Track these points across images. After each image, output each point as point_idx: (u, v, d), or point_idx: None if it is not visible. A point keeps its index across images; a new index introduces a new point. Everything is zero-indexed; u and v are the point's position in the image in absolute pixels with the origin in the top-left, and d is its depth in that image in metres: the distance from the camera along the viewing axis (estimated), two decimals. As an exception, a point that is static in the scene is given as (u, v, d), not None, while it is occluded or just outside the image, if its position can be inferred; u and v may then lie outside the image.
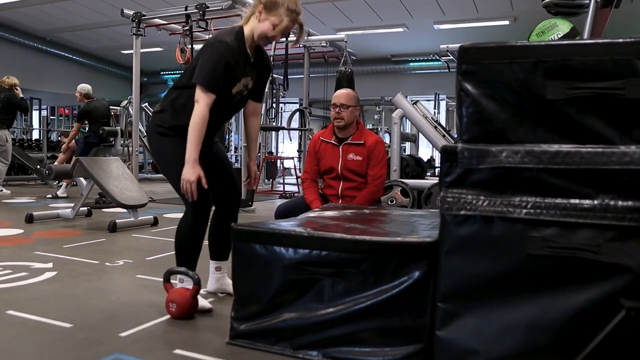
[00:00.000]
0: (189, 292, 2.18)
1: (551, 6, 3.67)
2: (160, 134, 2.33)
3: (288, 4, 2.22)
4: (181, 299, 2.17)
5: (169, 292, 2.22)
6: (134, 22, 7.31)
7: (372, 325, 1.71)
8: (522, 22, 10.76)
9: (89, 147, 6.87)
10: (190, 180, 2.12)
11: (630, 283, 1.38)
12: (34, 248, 3.61)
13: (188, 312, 2.18)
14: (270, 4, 2.22)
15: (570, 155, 1.45)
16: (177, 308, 2.16)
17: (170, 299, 2.19)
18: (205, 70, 2.16)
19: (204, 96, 2.14)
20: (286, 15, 2.22)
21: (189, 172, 2.12)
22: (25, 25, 13.53)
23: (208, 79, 2.15)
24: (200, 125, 2.13)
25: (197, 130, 2.13)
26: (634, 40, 1.42)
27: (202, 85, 2.15)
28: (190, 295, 2.17)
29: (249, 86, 2.39)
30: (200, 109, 2.14)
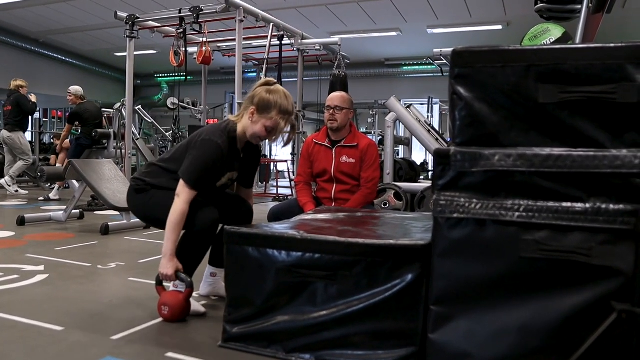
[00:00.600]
0: (182, 295, 2.17)
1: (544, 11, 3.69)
2: (138, 191, 2.38)
3: (281, 105, 2.24)
4: (174, 302, 2.16)
5: (161, 295, 2.21)
6: (127, 24, 7.30)
7: (365, 328, 1.71)
8: (515, 27, 10.83)
9: (80, 149, 6.84)
10: (168, 274, 2.15)
11: (621, 286, 1.39)
12: (26, 251, 3.59)
13: (180, 315, 2.17)
14: (262, 106, 2.24)
15: (562, 158, 1.46)
16: (169, 311, 2.16)
17: (162, 301, 2.18)
18: (192, 167, 2.18)
19: (185, 192, 2.15)
20: (278, 117, 2.25)
21: (166, 266, 2.14)
22: (17, 27, 13.46)
23: (193, 178, 2.17)
24: (179, 221, 2.14)
25: (175, 226, 2.13)
26: (626, 45, 1.43)
27: (186, 182, 2.17)
28: (183, 298, 2.17)
29: (234, 178, 2.44)
30: (180, 205, 2.14)
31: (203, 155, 2.20)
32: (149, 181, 2.36)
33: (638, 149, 1.40)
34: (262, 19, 7.08)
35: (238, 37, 6.79)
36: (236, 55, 6.92)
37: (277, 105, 2.24)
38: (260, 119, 2.25)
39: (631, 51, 1.42)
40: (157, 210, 2.26)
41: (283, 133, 2.34)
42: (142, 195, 2.37)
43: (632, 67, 1.41)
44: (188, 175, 2.18)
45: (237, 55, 6.89)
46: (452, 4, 10.27)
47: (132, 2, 10.48)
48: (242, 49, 7.07)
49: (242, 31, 6.85)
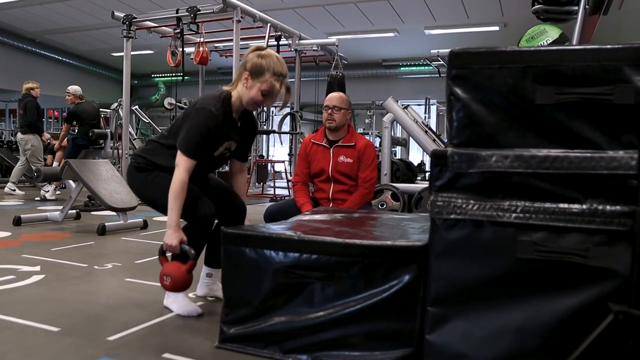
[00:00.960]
0: (184, 267, 2.15)
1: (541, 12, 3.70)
2: (138, 169, 2.37)
3: (274, 68, 2.23)
4: (176, 273, 2.14)
5: (164, 266, 2.18)
6: (124, 24, 7.29)
7: (362, 329, 1.71)
8: (512, 28, 10.85)
9: (77, 150, 6.83)
10: (172, 245, 2.14)
11: (618, 287, 1.39)
12: (22, 251, 3.58)
13: (182, 286, 2.15)
14: (255, 71, 2.23)
15: (559, 159, 1.46)
16: (171, 281, 2.14)
17: (164, 272, 2.16)
18: (188, 137, 2.18)
19: (184, 162, 2.16)
20: (273, 79, 2.24)
21: (171, 237, 2.14)
22: (14, 26, 13.42)
23: (190, 146, 2.17)
24: (180, 190, 2.14)
25: (177, 196, 2.13)
26: (622, 47, 1.44)
27: (184, 152, 2.17)
28: (186, 269, 2.14)
29: (232, 148, 2.42)
30: (180, 175, 2.15)
31: (198, 124, 2.19)
32: (149, 159, 2.34)
33: (635, 150, 1.40)
34: (259, 19, 7.08)
35: (235, 37, 6.79)
36: (233, 56, 6.92)
37: (271, 68, 2.23)
38: (255, 83, 2.24)
39: (628, 52, 1.43)
40: (157, 194, 2.25)
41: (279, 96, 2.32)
42: (143, 175, 2.35)
43: (628, 68, 1.42)
44: (185, 145, 2.18)
45: (235, 56, 6.88)
46: (450, 5, 10.29)
47: (129, 2, 10.47)
48: (240, 49, 7.06)
49: (240, 31, 6.86)
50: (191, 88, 12.08)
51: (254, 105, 2.31)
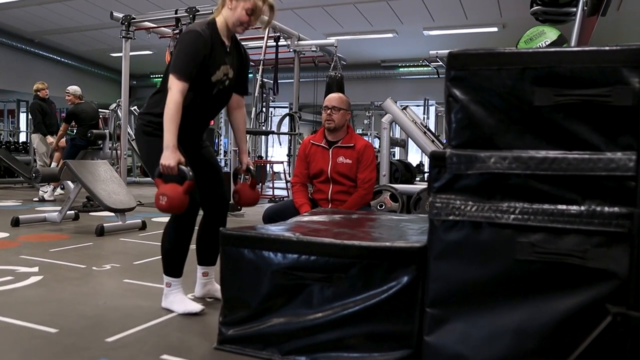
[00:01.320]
0: (181, 188, 2.12)
1: (539, 14, 3.71)
2: (147, 133, 2.34)
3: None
4: (172, 193, 2.10)
5: (160, 187, 2.15)
6: (123, 25, 7.28)
7: (360, 330, 1.71)
8: (510, 29, 10.86)
9: (76, 150, 6.82)
10: (170, 166, 2.12)
11: (616, 288, 1.39)
12: (20, 252, 3.57)
13: (178, 206, 2.12)
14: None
15: (558, 161, 1.47)
16: (167, 201, 2.09)
17: (160, 192, 2.12)
18: (177, 59, 2.21)
19: (176, 83, 2.17)
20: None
21: (169, 157, 2.13)
22: (12, 26, 13.40)
23: (180, 66, 2.19)
24: (174, 111, 2.15)
25: (172, 116, 2.15)
26: (620, 48, 1.44)
27: (174, 72, 2.19)
28: (182, 190, 2.12)
29: (230, 75, 2.39)
30: (173, 95, 2.16)
31: (184, 45, 2.22)
32: (155, 120, 2.30)
33: (632, 151, 1.41)
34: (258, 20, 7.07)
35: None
36: (232, 56, 6.90)
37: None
38: (239, 3, 2.26)
39: (626, 54, 1.43)
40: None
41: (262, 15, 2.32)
42: (150, 140, 2.32)
43: (626, 70, 1.42)
44: (173, 67, 2.20)
45: (234, 56, 6.87)
46: (448, 6, 10.29)
47: (128, 3, 10.46)
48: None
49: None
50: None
51: (240, 26, 2.32)
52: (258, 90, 7.66)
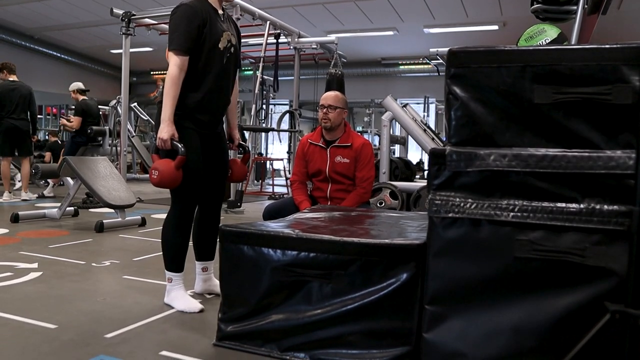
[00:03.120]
0: (172, 162, 2.17)
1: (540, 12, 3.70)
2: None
3: None
4: (164, 167, 2.16)
5: (154, 162, 2.21)
6: (123, 21, 7.27)
7: (359, 327, 1.71)
8: (511, 27, 10.85)
9: (76, 147, 6.81)
10: (163, 138, 2.18)
11: (615, 286, 1.40)
12: (19, 248, 3.57)
13: (169, 181, 2.17)
14: None
15: (557, 159, 1.47)
16: (158, 175, 2.16)
17: (154, 166, 2.19)
18: (171, 35, 2.24)
19: (174, 58, 2.21)
20: None
21: (163, 131, 2.18)
22: (12, 23, 13.37)
23: (175, 41, 2.22)
24: (173, 85, 2.19)
25: (169, 90, 2.19)
26: (621, 47, 1.44)
27: (172, 49, 2.22)
28: (174, 165, 2.16)
29: (233, 42, 2.41)
30: (170, 70, 2.20)
31: (176, 19, 2.24)
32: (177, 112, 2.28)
33: (632, 150, 1.41)
34: (258, 17, 7.07)
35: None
36: (232, 53, 6.90)
37: None
38: None
39: (626, 52, 1.43)
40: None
41: None
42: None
43: (626, 68, 1.42)
44: (171, 43, 2.23)
45: (234, 53, 6.86)
46: (449, 3, 10.28)
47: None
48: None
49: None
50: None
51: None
52: (258, 88, 7.65)
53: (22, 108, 6.41)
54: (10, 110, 6.30)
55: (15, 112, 6.33)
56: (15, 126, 6.33)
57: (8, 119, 6.31)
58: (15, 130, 6.35)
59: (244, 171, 2.67)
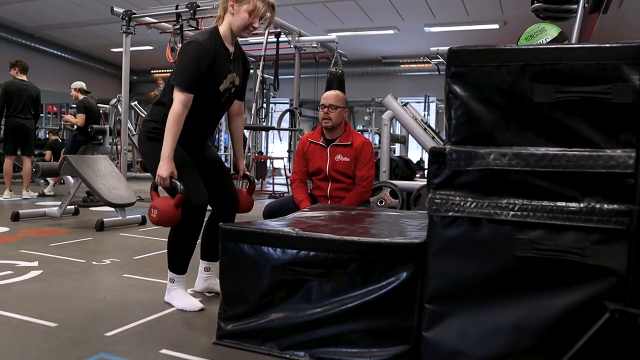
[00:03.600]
0: (172, 201, 2.16)
1: (540, 10, 3.69)
2: (150, 139, 2.36)
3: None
4: (163, 206, 2.15)
5: (154, 200, 2.21)
6: (124, 20, 7.27)
7: (359, 326, 1.71)
8: (511, 26, 10.84)
9: (77, 145, 6.82)
10: (162, 176, 2.16)
11: (614, 285, 1.40)
12: (20, 246, 3.58)
13: (168, 219, 2.16)
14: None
15: (557, 158, 1.47)
16: (157, 214, 2.15)
17: (152, 205, 2.18)
18: (179, 71, 2.22)
19: (179, 95, 2.19)
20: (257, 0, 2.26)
21: (162, 168, 2.17)
22: (13, 21, 13.37)
23: (182, 78, 2.20)
24: (176, 122, 2.17)
25: (172, 128, 2.17)
26: (621, 46, 1.44)
27: (177, 84, 2.20)
28: (173, 204, 2.15)
29: (236, 83, 2.41)
30: (176, 108, 2.18)
31: (186, 56, 2.22)
32: (159, 126, 2.31)
33: (632, 149, 1.41)
34: (259, 16, 7.05)
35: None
36: (232, 52, 6.89)
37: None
38: (241, 6, 2.27)
39: (626, 51, 1.43)
40: None
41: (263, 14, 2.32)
42: (154, 145, 2.32)
43: (627, 67, 1.42)
44: (177, 79, 2.21)
45: (234, 52, 6.86)
46: (449, 2, 10.27)
47: (129, -2, 10.43)
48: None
49: (239, 28, 6.82)
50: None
51: (245, 30, 2.32)
52: (259, 86, 7.65)
53: (29, 108, 6.47)
54: (17, 110, 6.35)
55: (22, 111, 6.38)
56: (21, 125, 6.38)
57: (14, 118, 6.36)
58: (20, 129, 6.39)
59: (251, 202, 2.64)
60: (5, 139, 6.48)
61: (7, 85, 6.36)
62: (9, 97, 6.32)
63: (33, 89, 6.52)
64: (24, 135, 6.45)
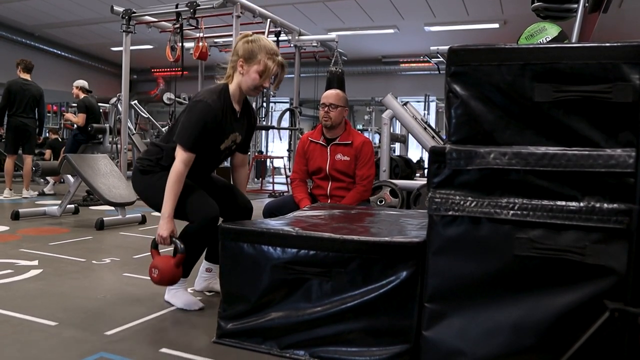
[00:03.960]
0: (172, 260, 2.16)
1: (540, 10, 3.69)
2: (144, 172, 2.37)
3: (265, 47, 2.26)
4: (163, 266, 2.15)
5: (154, 259, 2.21)
6: (124, 19, 7.27)
7: (359, 325, 1.71)
8: (511, 25, 10.84)
9: (77, 144, 6.82)
10: (163, 236, 2.17)
11: (614, 285, 1.40)
12: (20, 245, 3.58)
13: (169, 279, 2.17)
14: (248, 55, 2.26)
15: (557, 157, 1.47)
16: (158, 274, 2.15)
17: (153, 264, 2.18)
18: (184, 130, 2.21)
19: (182, 154, 2.19)
20: (267, 59, 2.25)
21: (163, 227, 2.17)
22: (12, 20, 13.37)
23: (186, 139, 2.19)
24: (176, 181, 2.17)
25: (174, 187, 2.17)
26: (621, 45, 1.44)
27: (181, 144, 2.20)
28: (174, 263, 2.16)
29: (238, 141, 2.43)
30: (177, 166, 2.18)
31: (194, 116, 2.21)
32: (153, 159, 2.35)
33: (632, 148, 1.41)
34: (259, 15, 7.07)
35: (235, 32, 6.78)
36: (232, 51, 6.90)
37: (262, 48, 2.26)
38: (250, 67, 2.26)
39: (626, 51, 1.43)
40: (160, 196, 2.23)
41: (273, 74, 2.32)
42: (147, 177, 2.35)
43: (627, 66, 1.42)
44: (181, 138, 2.20)
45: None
46: (450, 1, 10.27)
47: (129, -3, 10.43)
48: (239, 45, 7.03)
49: (239, 27, 6.84)
50: (190, 83, 12.05)
51: (255, 89, 2.32)
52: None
53: (31, 107, 6.49)
54: (19, 109, 6.37)
55: (24, 111, 6.40)
56: (23, 124, 6.40)
57: (16, 117, 6.38)
58: (22, 128, 6.41)
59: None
60: (7, 138, 6.49)
61: (10, 85, 6.37)
62: (12, 97, 6.33)
63: (36, 89, 6.53)
64: (26, 135, 6.46)
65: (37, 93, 6.51)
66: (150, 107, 16.17)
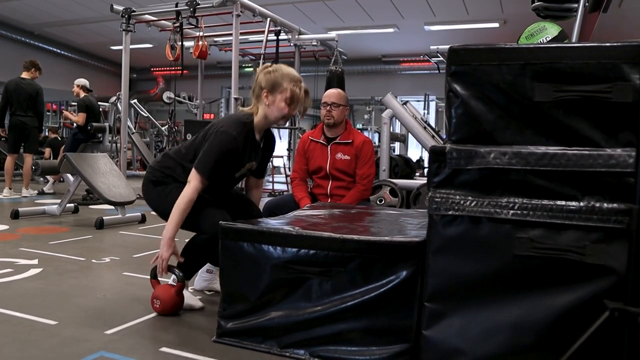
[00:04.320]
0: (173, 289, 2.18)
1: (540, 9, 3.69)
2: (155, 183, 2.36)
3: (288, 75, 2.28)
4: (164, 296, 2.17)
5: (155, 289, 2.22)
6: (123, 17, 7.26)
7: (359, 324, 1.71)
8: (511, 25, 10.84)
9: (77, 143, 6.81)
10: (164, 257, 2.16)
11: (614, 284, 1.40)
12: (19, 244, 3.58)
13: (171, 308, 2.18)
14: (272, 85, 2.27)
15: (557, 157, 1.47)
16: (160, 304, 2.17)
17: (154, 295, 2.20)
18: (205, 158, 2.20)
19: (196, 180, 2.18)
20: (291, 86, 2.26)
21: (163, 249, 2.16)
22: (12, 19, 13.36)
23: (205, 168, 2.19)
24: (185, 206, 2.16)
25: (180, 211, 2.16)
26: (621, 45, 1.44)
27: (198, 172, 2.19)
28: (175, 292, 2.17)
29: (253, 168, 2.45)
30: (190, 192, 2.17)
31: (217, 146, 2.20)
32: (166, 172, 2.34)
33: (632, 148, 1.41)
34: (259, 14, 7.06)
35: (235, 31, 6.77)
36: (233, 50, 6.90)
37: (285, 76, 2.26)
38: (276, 96, 2.27)
39: (626, 50, 1.43)
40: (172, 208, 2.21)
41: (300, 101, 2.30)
42: (159, 189, 2.34)
43: (627, 66, 1.42)
44: (201, 166, 2.19)
45: (234, 50, 6.87)
46: (450, 1, 10.27)
47: (129, -5, 10.42)
48: (239, 44, 7.04)
49: (239, 26, 6.83)
50: (190, 82, 12.05)
51: (282, 119, 2.33)
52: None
53: (28, 105, 6.50)
54: (17, 108, 6.40)
55: (22, 109, 6.43)
56: (21, 122, 6.42)
57: (15, 116, 6.42)
58: (21, 127, 6.42)
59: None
60: (8, 137, 6.52)
61: (7, 84, 6.41)
62: (9, 96, 6.37)
63: (31, 87, 6.53)
64: (26, 133, 6.47)
65: (31, 90, 6.51)
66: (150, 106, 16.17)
